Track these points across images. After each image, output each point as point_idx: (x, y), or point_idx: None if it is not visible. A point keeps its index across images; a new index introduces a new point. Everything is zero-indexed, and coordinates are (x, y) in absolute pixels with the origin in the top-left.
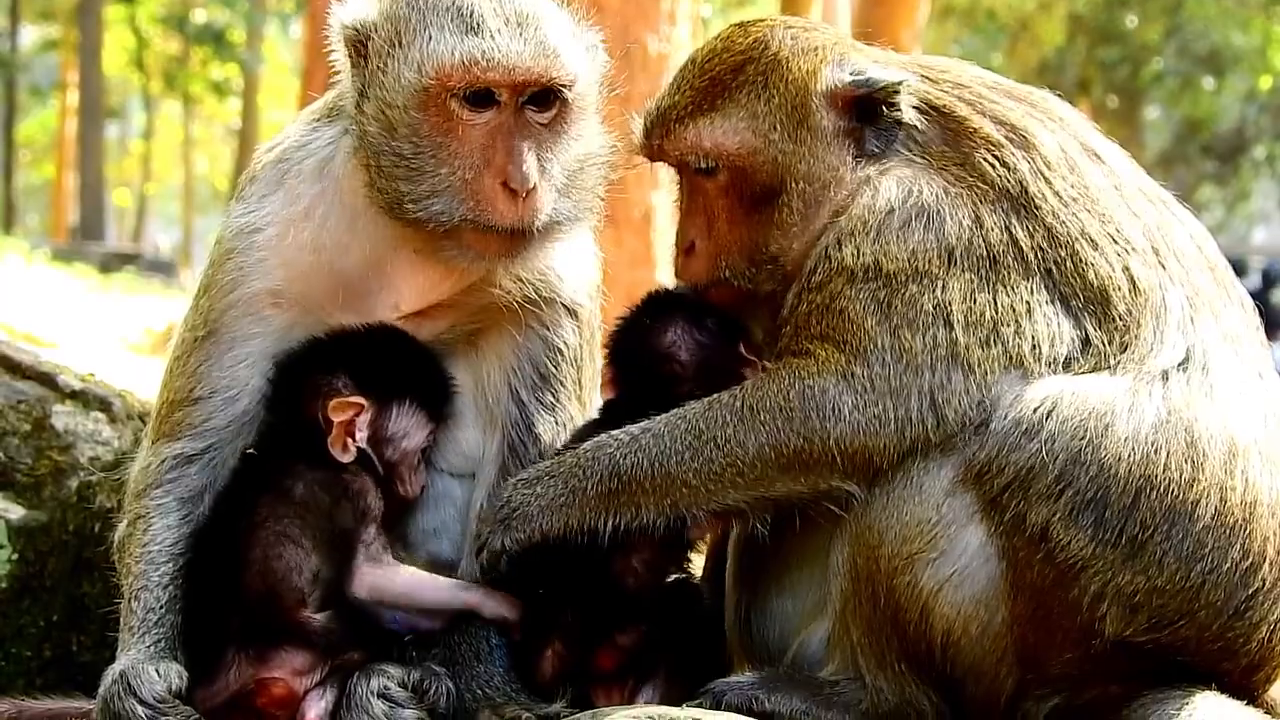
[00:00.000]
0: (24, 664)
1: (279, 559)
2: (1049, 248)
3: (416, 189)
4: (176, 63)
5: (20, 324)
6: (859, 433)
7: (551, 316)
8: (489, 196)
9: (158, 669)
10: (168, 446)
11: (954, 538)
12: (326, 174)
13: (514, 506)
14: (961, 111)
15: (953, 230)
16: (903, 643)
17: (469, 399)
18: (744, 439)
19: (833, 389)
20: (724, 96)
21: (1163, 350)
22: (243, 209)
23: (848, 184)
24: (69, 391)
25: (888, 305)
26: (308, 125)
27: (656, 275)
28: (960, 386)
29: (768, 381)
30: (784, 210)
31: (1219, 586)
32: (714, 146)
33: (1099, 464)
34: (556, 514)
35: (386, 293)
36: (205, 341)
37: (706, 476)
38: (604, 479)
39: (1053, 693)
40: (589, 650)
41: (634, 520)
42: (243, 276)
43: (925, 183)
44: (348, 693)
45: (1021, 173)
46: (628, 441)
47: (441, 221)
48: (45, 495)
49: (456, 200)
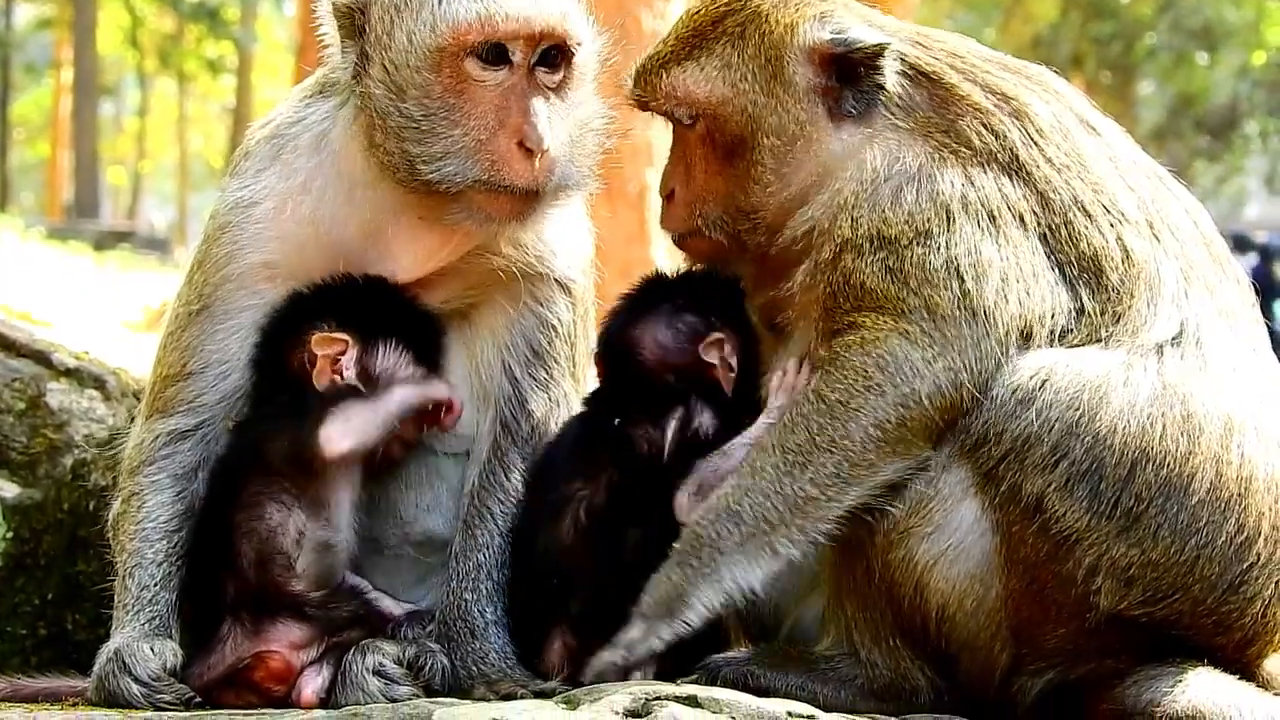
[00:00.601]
0: (19, 642)
1: (260, 519)
2: (1042, 212)
3: (428, 150)
4: (171, 40)
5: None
6: (943, 388)
7: (545, 292)
8: (504, 156)
9: (152, 647)
10: (161, 423)
11: (950, 512)
12: (323, 147)
13: (659, 598)
14: (951, 78)
15: (945, 188)
16: (897, 618)
17: (462, 376)
18: (847, 430)
19: (900, 350)
20: (701, 46)
21: (1156, 323)
22: (238, 184)
23: (827, 146)
24: (63, 369)
25: (900, 270)
26: (300, 101)
27: (652, 251)
28: (993, 342)
29: (835, 371)
30: (757, 165)
31: (1213, 561)
32: (685, 94)
33: (1095, 435)
34: (706, 586)
35: (384, 262)
36: (199, 316)
37: (825, 483)
38: (730, 530)
39: (1047, 667)
40: (594, 638)
41: (775, 560)
42: (238, 250)
43: (910, 148)
44: (343, 669)
45: (1012, 139)
46: (732, 488)
47: (455, 182)
48: (40, 473)
49: (470, 161)
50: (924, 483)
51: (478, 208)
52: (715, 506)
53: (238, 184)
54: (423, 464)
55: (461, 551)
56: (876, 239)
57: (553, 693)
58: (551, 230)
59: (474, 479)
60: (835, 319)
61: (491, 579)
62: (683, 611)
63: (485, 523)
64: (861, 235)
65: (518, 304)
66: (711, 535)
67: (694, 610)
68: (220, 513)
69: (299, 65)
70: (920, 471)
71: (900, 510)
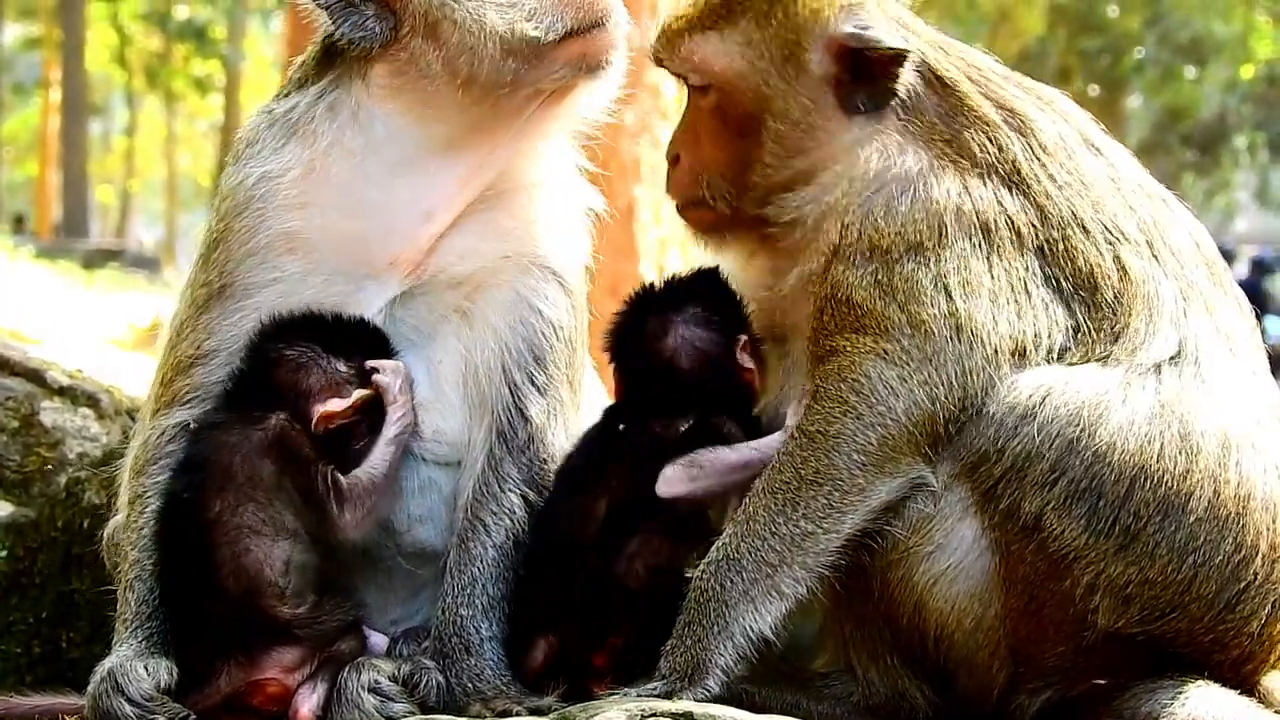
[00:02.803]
0: (13, 661)
1: (246, 554)
2: (1040, 226)
3: (519, 12)
4: (159, 59)
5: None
6: (919, 402)
7: (548, 292)
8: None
9: (146, 666)
10: (166, 417)
11: (949, 531)
12: (339, 111)
13: (677, 665)
14: (964, 87)
15: (939, 198)
16: (895, 636)
17: (454, 384)
18: (831, 459)
19: (874, 371)
20: (726, 17)
21: (1154, 341)
22: (258, 161)
23: (832, 135)
24: (57, 388)
25: (888, 285)
26: (286, 97)
27: (640, 267)
28: (980, 360)
29: (815, 403)
30: (762, 144)
31: (1211, 579)
32: (702, 63)
33: (1094, 452)
34: (718, 644)
35: (419, 201)
36: (220, 295)
37: (819, 516)
38: (733, 580)
39: (1045, 685)
40: (584, 650)
41: (784, 601)
42: (261, 223)
43: (910, 152)
44: (339, 686)
45: (1014, 153)
46: (729, 536)
47: (557, 30)
48: (34, 492)
49: (560, 7)
50: (923, 502)
51: (578, 55)
52: (714, 559)
53: (257, 161)
54: (414, 474)
55: (456, 566)
56: (868, 249)
57: (548, 709)
58: (554, 230)
59: (468, 490)
60: (820, 343)
61: (487, 594)
62: (703, 679)
63: (479, 536)
64: (851, 244)
65: (521, 301)
66: (715, 588)
67: (713, 676)
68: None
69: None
70: (918, 490)
71: (900, 530)
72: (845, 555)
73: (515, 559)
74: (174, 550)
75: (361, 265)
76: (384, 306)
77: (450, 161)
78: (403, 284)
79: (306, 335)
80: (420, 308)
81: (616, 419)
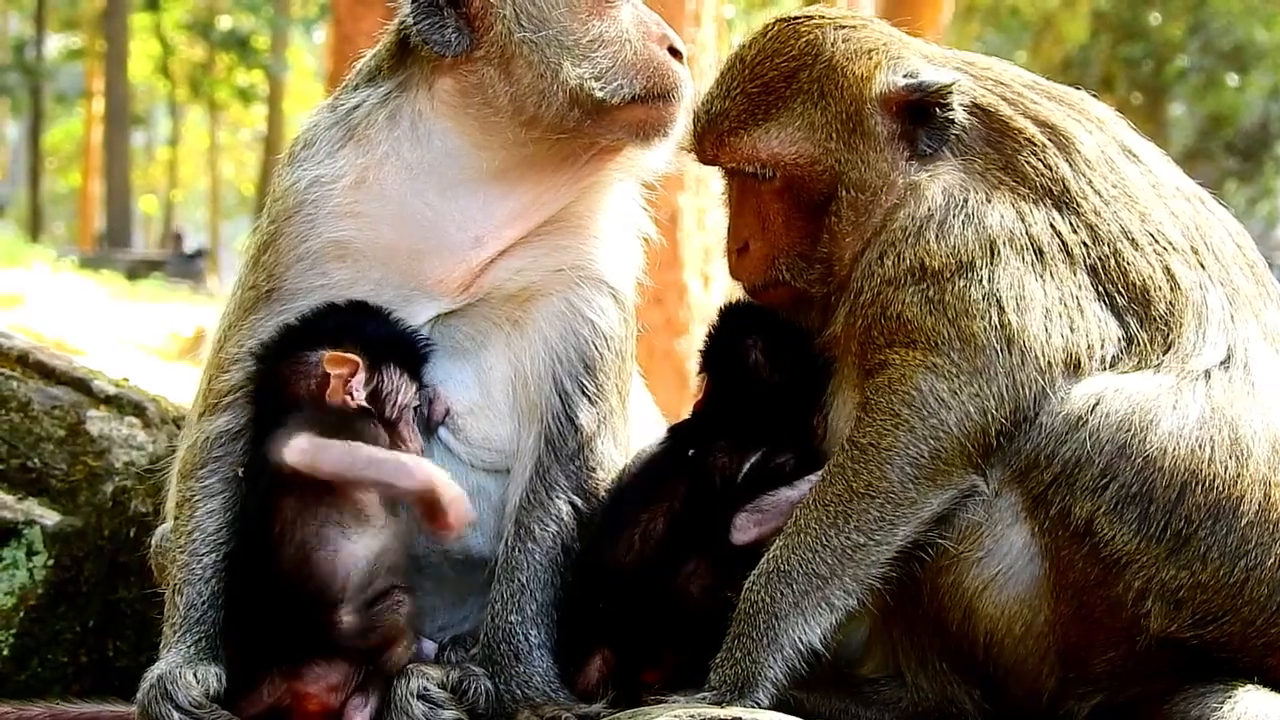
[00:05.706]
0: (60, 670)
1: (316, 549)
2: (1092, 244)
3: (593, 69)
4: (201, 69)
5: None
6: (970, 414)
7: (601, 302)
8: (661, 61)
9: (195, 673)
10: (211, 422)
11: (1000, 537)
12: (399, 120)
13: (726, 678)
14: (1005, 111)
15: (994, 223)
16: (944, 642)
17: (503, 391)
18: (884, 472)
19: (925, 384)
20: (779, 105)
21: (1204, 348)
22: (312, 164)
23: (898, 187)
24: (103, 397)
25: (939, 301)
26: (354, 90)
27: (684, 276)
28: (1032, 372)
29: (866, 416)
30: (839, 215)
31: (1263, 582)
32: (770, 156)
33: (1144, 458)
34: (768, 656)
35: (468, 227)
36: (268, 298)
37: (871, 528)
38: (783, 592)
39: (1095, 691)
40: (639, 666)
41: (834, 613)
42: (312, 229)
43: (971, 188)
44: (389, 695)
45: (1063, 172)
46: (779, 549)
47: (623, 95)
48: (80, 501)
49: (634, 72)
50: (974, 509)
51: (638, 122)
52: (765, 570)
53: (312, 164)
54: (462, 480)
55: (504, 572)
56: (918, 270)
57: (597, 716)
58: (607, 244)
59: (515, 498)
60: (868, 357)
61: (535, 601)
62: (752, 691)
63: (527, 544)
64: (903, 268)
65: (573, 312)
66: (765, 599)
67: (762, 689)
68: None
69: (329, 92)
70: (969, 498)
71: (950, 538)
72: (896, 567)
73: (564, 566)
74: (242, 558)
75: (410, 279)
76: (433, 318)
77: (503, 192)
78: (455, 302)
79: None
80: (473, 317)
81: (686, 441)
